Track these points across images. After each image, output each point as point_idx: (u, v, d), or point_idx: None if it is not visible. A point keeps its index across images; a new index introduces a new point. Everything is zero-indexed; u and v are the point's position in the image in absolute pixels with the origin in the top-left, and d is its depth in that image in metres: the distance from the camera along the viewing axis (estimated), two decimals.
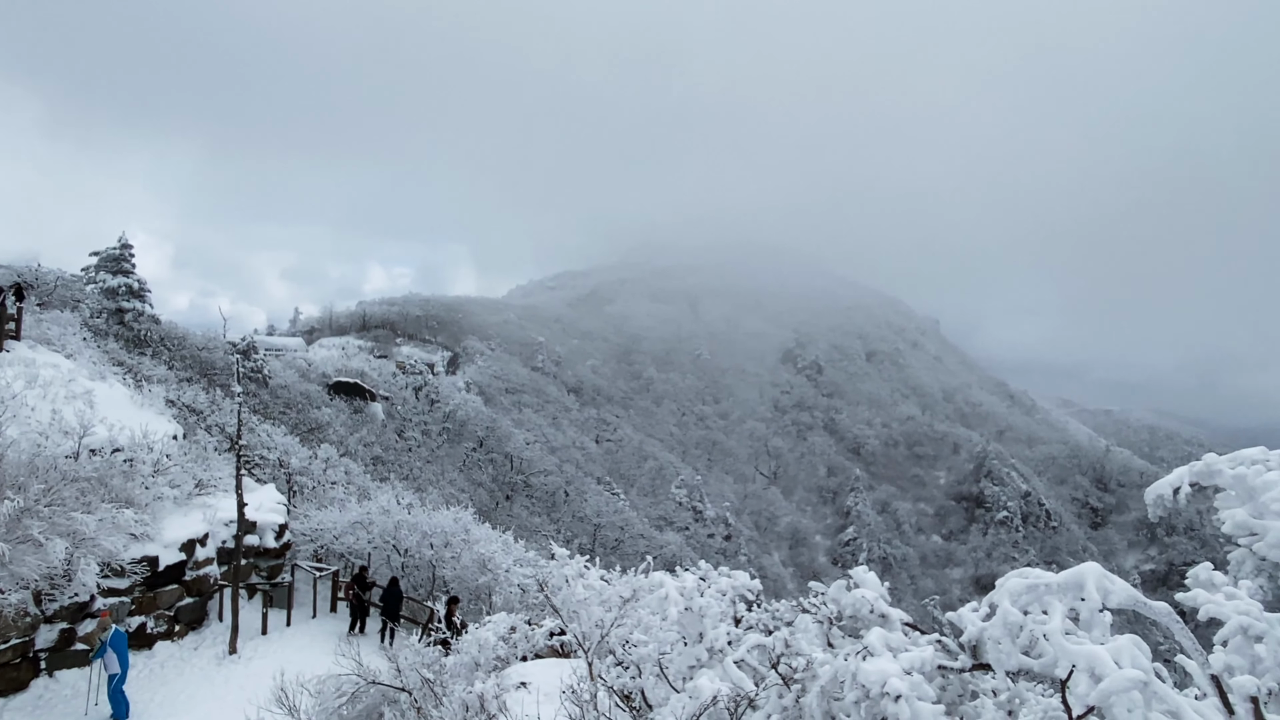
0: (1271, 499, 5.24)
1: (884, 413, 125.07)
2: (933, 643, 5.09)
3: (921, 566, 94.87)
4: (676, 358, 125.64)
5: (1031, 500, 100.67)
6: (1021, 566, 5.63)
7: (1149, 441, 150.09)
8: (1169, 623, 4.56)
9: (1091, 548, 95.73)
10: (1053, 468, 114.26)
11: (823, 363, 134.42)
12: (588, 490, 71.59)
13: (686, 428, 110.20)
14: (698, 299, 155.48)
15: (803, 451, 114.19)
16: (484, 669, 12.47)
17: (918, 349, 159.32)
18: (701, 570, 10.40)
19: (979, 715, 4.99)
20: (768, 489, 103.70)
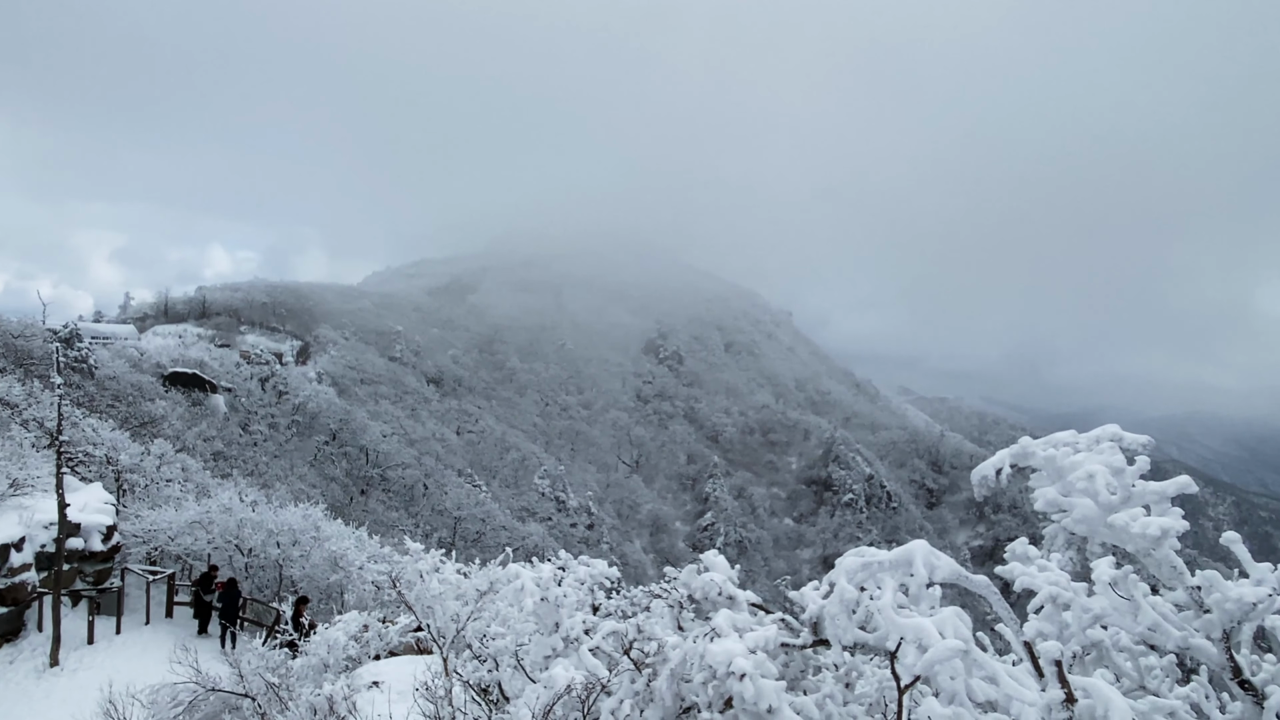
0: (1078, 478, 5.75)
1: (741, 401, 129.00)
2: (777, 621, 5.33)
3: (775, 548, 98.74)
4: (540, 348, 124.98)
5: (874, 483, 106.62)
6: (864, 546, 5.97)
7: (978, 427, 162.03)
8: (987, 594, 4.97)
9: (928, 526, 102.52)
10: (893, 452, 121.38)
11: (684, 353, 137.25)
12: (448, 483, 70.21)
13: (550, 418, 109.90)
14: (562, 289, 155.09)
15: (664, 440, 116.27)
16: (334, 670, 12.06)
17: (773, 340, 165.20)
18: (561, 560, 10.46)
19: (819, 688, 5.27)
20: (630, 477, 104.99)
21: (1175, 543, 5.17)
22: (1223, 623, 5.31)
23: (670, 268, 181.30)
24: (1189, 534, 6.12)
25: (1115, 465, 5.45)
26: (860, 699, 5.49)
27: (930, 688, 4.66)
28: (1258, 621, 5.58)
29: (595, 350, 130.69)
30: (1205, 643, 5.50)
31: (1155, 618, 5.62)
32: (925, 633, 4.26)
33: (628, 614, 8.02)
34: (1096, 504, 5.39)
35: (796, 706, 4.75)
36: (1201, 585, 5.49)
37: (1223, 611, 5.24)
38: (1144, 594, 5.83)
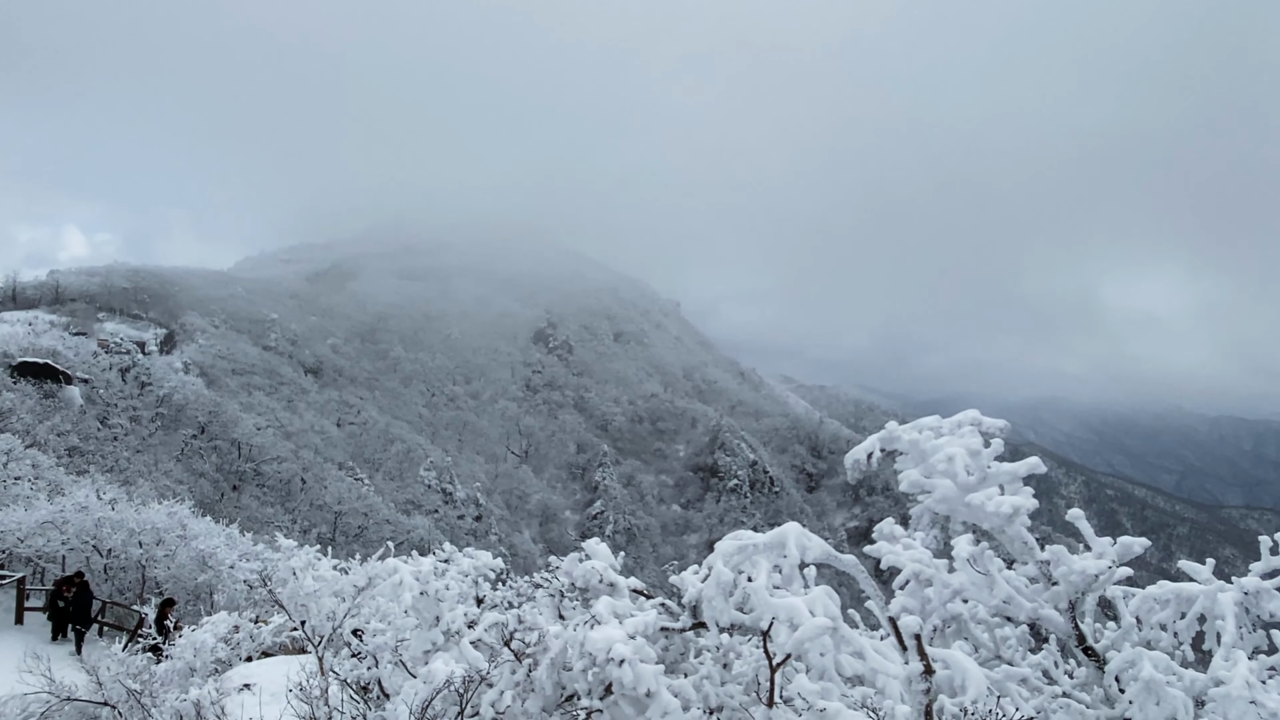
0: (939, 460, 6.04)
1: (630, 390, 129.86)
2: (657, 606, 5.40)
3: (662, 534, 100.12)
4: (426, 337, 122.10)
5: (758, 468, 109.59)
6: (745, 530, 6.10)
7: (855, 413, 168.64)
8: (855, 573, 5.17)
9: (808, 509, 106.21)
10: (776, 438, 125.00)
11: (574, 342, 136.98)
12: (327, 477, 67.80)
13: (436, 409, 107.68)
14: (449, 277, 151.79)
15: (554, 430, 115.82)
16: (201, 674, 11.47)
17: (661, 330, 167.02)
18: (445, 553, 10.27)
19: (698, 670, 5.37)
20: (519, 468, 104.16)
21: (1026, 520, 5.51)
22: (1069, 594, 5.70)
23: (560, 257, 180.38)
24: (1045, 511, 6.56)
25: (973, 448, 5.75)
26: (738, 678, 5.62)
27: (803, 664, 4.82)
28: (1100, 591, 6.01)
29: (484, 339, 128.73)
30: (1053, 613, 5.89)
31: (1009, 591, 5.98)
32: (797, 612, 4.39)
33: (514, 604, 7.97)
34: (956, 484, 5.68)
35: (674, 689, 4.83)
36: (1050, 559, 5.87)
37: (1068, 583, 5.62)
38: (999, 569, 6.18)
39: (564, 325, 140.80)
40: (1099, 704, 5.90)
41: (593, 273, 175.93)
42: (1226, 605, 5.57)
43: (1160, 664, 5.15)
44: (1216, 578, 5.98)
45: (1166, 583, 6.06)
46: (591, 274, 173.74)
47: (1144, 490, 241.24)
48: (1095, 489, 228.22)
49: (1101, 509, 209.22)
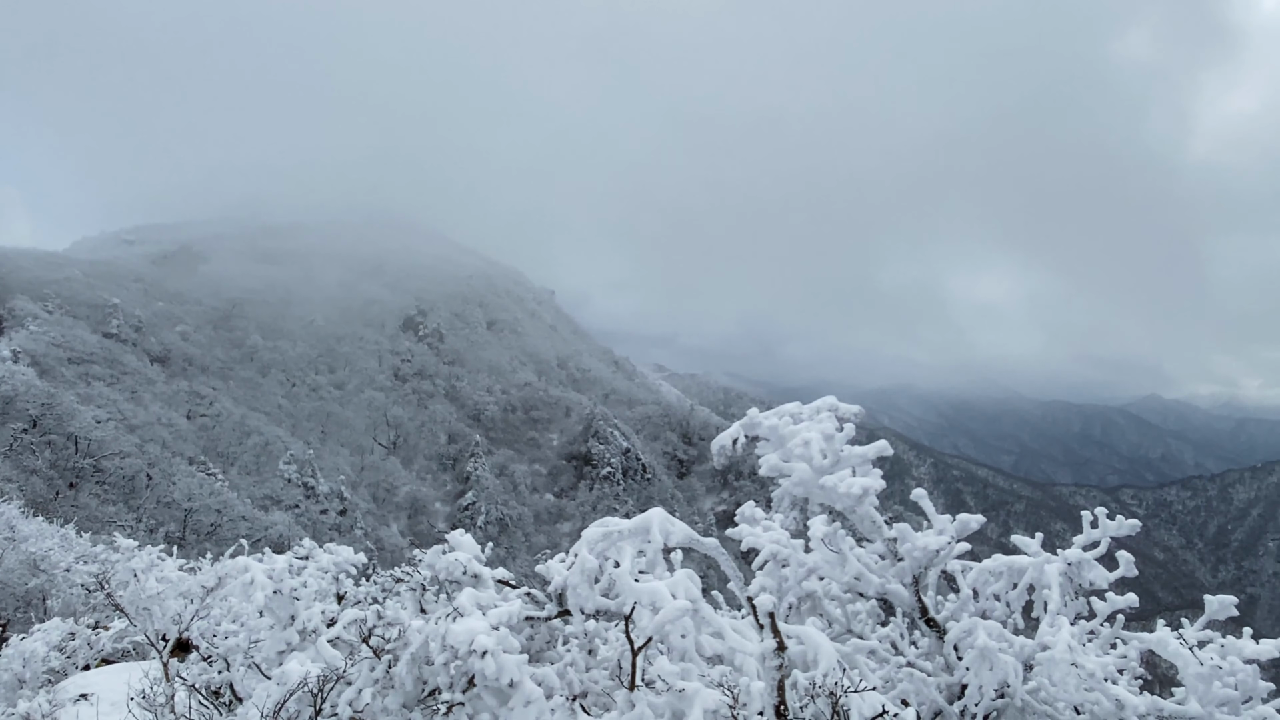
0: (796, 445, 6.26)
1: (503, 379, 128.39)
2: (522, 596, 5.37)
3: (536, 524, 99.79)
4: (286, 324, 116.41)
5: (631, 456, 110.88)
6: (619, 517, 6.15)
7: (724, 400, 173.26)
8: (716, 555, 5.30)
9: (679, 495, 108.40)
10: (648, 426, 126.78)
11: (445, 330, 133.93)
12: (176, 472, 63.72)
13: (297, 399, 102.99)
14: (311, 261, 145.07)
15: (424, 420, 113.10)
16: (32, 685, 10.64)
17: (535, 318, 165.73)
18: (305, 549, 9.90)
19: (563, 658, 5.38)
20: (387, 459, 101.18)
21: (875, 500, 5.79)
22: (913, 569, 6.05)
23: (431, 243, 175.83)
24: (898, 491, 6.95)
25: (828, 432, 6.00)
26: (603, 664, 5.67)
27: (665, 647, 4.91)
28: (941, 566, 6.40)
29: (349, 327, 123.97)
30: (899, 587, 6.23)
31: (860, 568, 6.28)
32: (659, 595, 4.47)
33: (379, 600, 7.77)
34: (812, 468, 5.90)
35: (538, 678, 4.81)
36: (897, 537, 6.21)
37: (912, 559, 5.96)
38: (851, 547, 6.49)
39: (435, 313, 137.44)
40: (940, 671, 6.30)
41: (465, 260, 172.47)
42: (1052, 575, 6.05)
43: (993, 632, 5.54)
44: (1045, 550, 6.49)
45: (1001, 556, 6.52)
46: (464, 261, 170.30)
47: (986, 470, 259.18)
48: (943, 470, 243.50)
49: (949, 489, 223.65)
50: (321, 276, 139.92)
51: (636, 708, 4.25)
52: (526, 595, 5.43)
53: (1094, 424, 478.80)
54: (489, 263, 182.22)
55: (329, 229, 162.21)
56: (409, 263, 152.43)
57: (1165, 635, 6.01)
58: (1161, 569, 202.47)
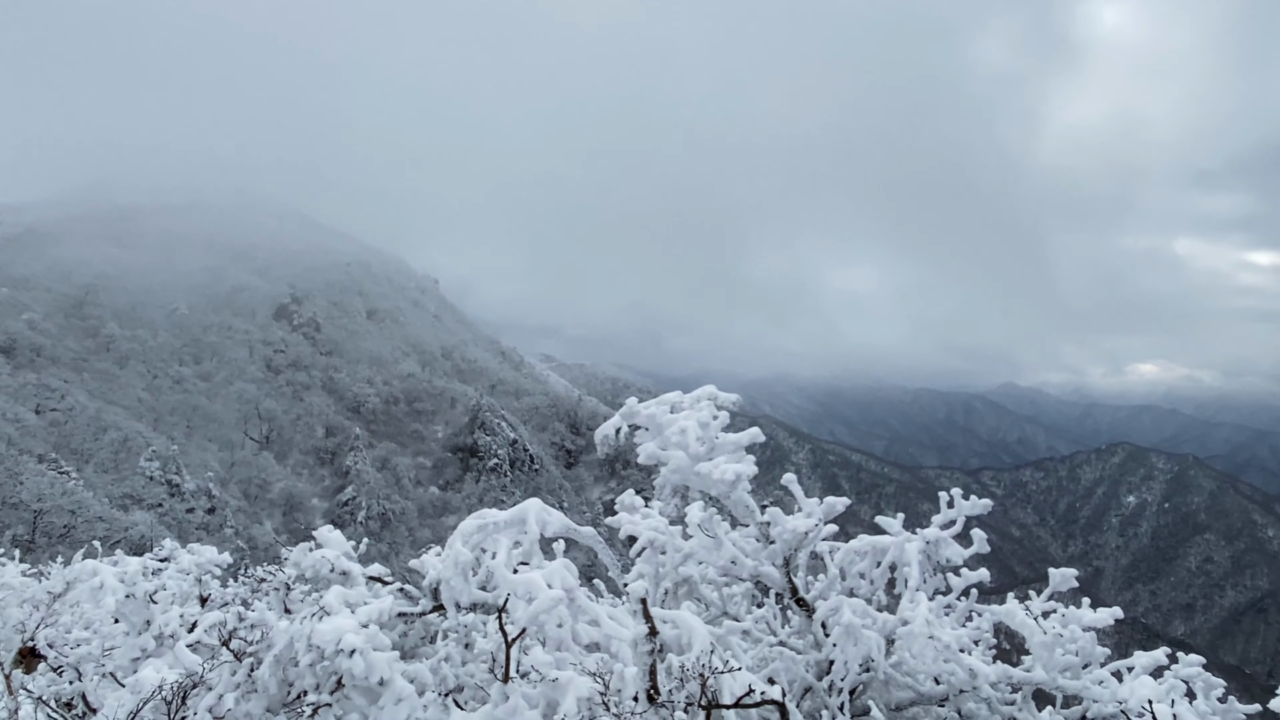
0: (673, 433, 6.36)
1: (385, 370, 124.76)
2: (394, 592, 5.24)
3: (420, 518, 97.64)
4: (146, 312, 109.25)
5: (519, 447, 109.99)
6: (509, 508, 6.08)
7: (612, 390, 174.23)
8: (594, 544, 5.32)
9: (566, 485, 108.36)
10: (536, 416, 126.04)
11: (321, 320, 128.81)
12: (24, 471, 59.03)
13: (160, 392, 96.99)
14: (173, 246, 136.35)
15: (299, 413, 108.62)
16: None
17: (418, 307, 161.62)
18: (166, 549, 9.46)
19: (437, 653, 5.28)
20: (259, 454, 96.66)
21: (748, 485, 5.94)
22: (784, 551, 6.24)
23: (304, 228, 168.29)
24: (779, 477, 7.11)
25: (704, 420, 6.11)
26: (480, 657, 5.60)
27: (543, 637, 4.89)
28: (810, 547, 6.63)
29: (217, 316, 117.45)
30: (772, 569, 6.42)
31: (735, 552, 6.43)
32: (534, 586, 4.45)
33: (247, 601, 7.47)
34: (688, 455, 6.01)
35: (410, 674, 4.72)
36: (770, 520, 6.40)
37: (783, 541, 6.15)
38: (726, 532, 6.65)
39: (310, 301, 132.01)
40: (810, 649, 6.54)
41: (343, 246, 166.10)
42: (912, 554, 6.36)
43: (858, 609, 5.79)
44: (908, 530, 6.82)
45: (866, 536, 6.82)
46: (342, 247, 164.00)
47: (859, 455, 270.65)
48: (820, 455, 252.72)
49: (825, 473, 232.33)
50: (186, 262, 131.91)
51: (510, 699, 4.22)
52: (399, 591, 5.30)
53: (957, 410, 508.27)
54: (369, 250, 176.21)
55: (194, 212, 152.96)
56: (283, 248, 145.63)
57: (1014, 607, 6.44)
58: (1018, 545, 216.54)
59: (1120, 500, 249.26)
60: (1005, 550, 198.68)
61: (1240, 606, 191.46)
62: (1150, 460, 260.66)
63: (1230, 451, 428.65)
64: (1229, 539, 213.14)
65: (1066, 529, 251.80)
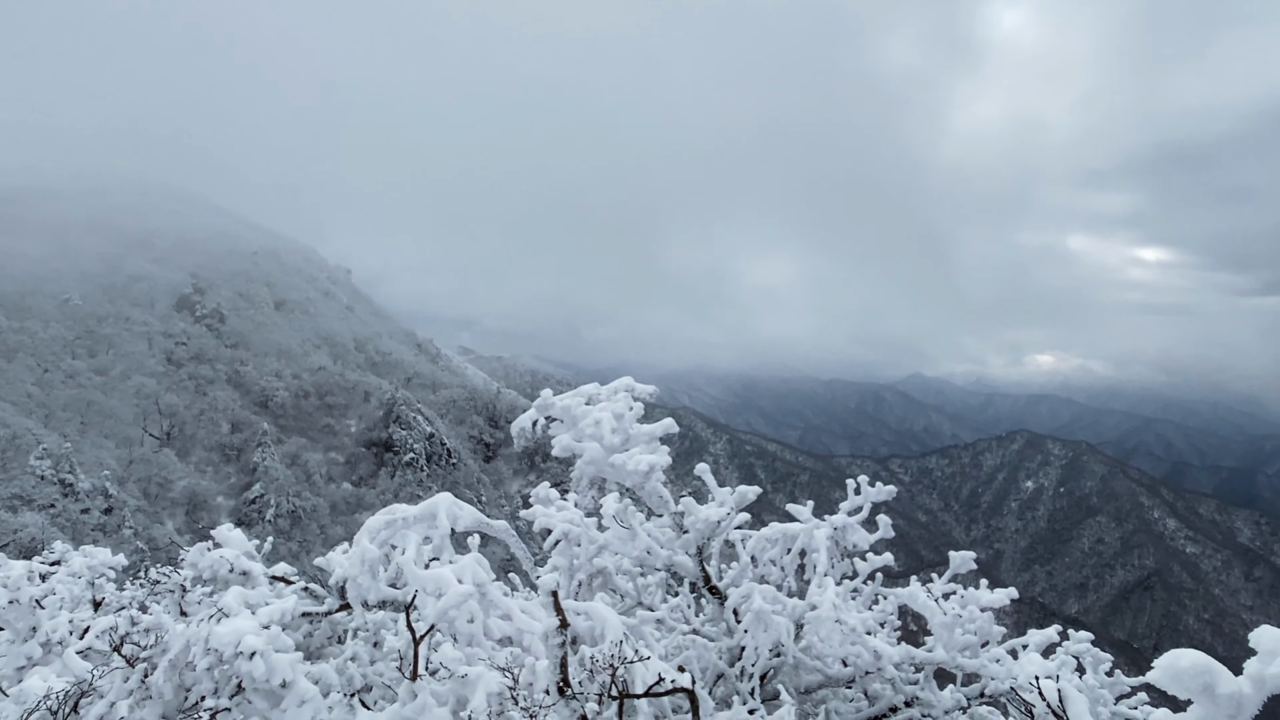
0: (587, 425, 6.35)
1: (295, 363, 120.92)
2: (298, 591, 5.09)
3: (333, 515, 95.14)
4: (36, 303, 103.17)
5: (435, 441, 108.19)
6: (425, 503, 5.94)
7: (532, 383, 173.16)
8: (505, 537, 5.27)
9: (485, 479, 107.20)
10: (454, 410, 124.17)
11: (226, 311, 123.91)
12: None
13: (51, 387, 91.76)
14: (65, 233, 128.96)
15: (203, 408, 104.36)
16: None
17: (330, 298, 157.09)
18: (56, 552, 9.02)
19: (343, 653, 5.16)
20: (160, 452, 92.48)
21: (662, 476, 5.98)
22: (696, 540, 6.32)
23: (207, 214, 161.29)
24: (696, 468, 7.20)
25: (618, 412, 6.13)
26: (390, 656, 5.50)
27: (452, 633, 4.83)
28: (723, 536, 6.73)
29: (113, 306, 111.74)
30: (685, 558, 6.49)
31: (649, 542, 6.47)
32: (444, 581, 4.38)
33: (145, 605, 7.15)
34: (602, 446, 6.01)
35: (315, 676, 4.59)
36: (683, 510, 6.46)
37: (696, 531, 6.23)
38: (641, 522, 6.68)
39: (214, 291, 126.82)
40: (723, 635, 6.65)
41: (249, 234, 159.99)
42: (820, 540, 6.52)
43: (768, 595, 5.90)
44: (821, 517, 6.99)
45: (777, 524, 6.95)
46: (247, 235, 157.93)
47: (775, 445, 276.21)
48: (737, 445, 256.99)
49: (743, 463, 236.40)
50: (79, 249, 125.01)
51: (419, 698, 4.15)
52: (304, 590, 5.14)
53: (868, 400, 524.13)
54: (278, 238, 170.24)
55: (89, 196, 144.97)
56: (185, 236, 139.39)
57: (916, 589, 6.67)
58: (924, 530, 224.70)
59: (1019, 485, 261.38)
60: (912, 535, 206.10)
61: (1129, 585, 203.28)
62: (1047, 447, 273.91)
63: (1120, 438, 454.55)
64: (1119, 521, 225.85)
65: (969, 513, 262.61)
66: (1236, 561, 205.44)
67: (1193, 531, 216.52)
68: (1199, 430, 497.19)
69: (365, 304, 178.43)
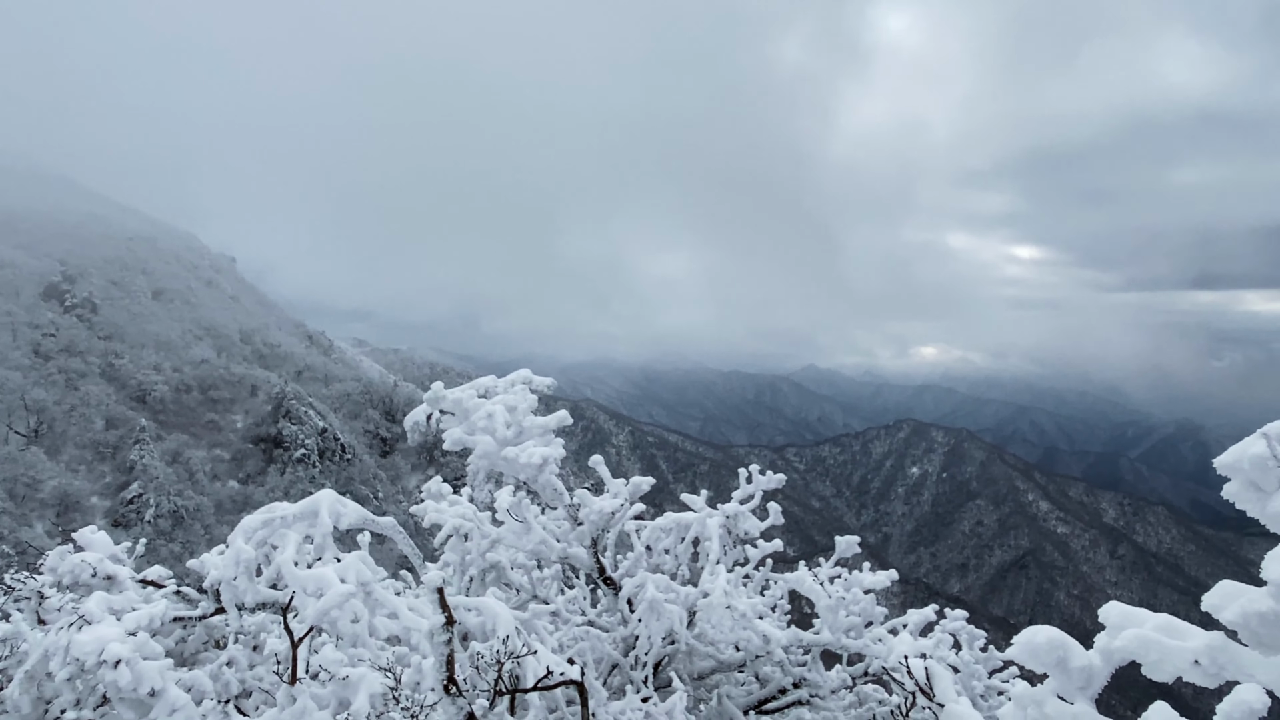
0: (480, 418, 6.26)
1: (175, 356, 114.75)
2: (170, 596, 4.84)
3: (218, 514, 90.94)
4: None
5: (329, 436, 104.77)
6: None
7: (431, 376, 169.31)
8: (393, 534, 5.15)
9: (382, 474, 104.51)
10: (348, 404, 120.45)
11: (98, 300, 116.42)
12: None
13: None
14: None
15: (74, 403, 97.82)
16: None
17: (213, 287, 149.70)
18: None
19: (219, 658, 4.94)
20: (26, 450, 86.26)
21: (556, 468, 5.96)
22: (591, 532, 6.32)
23: (79, 198, 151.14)
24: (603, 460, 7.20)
25: (511, 404, 6.06)
26: (270, 659, 5.29)
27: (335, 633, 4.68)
28: (618, 527, 6.76)
29: None
30: (580, 550, 6.49)
31: (543, 535, 6.44)
32: (325, 581, 4.24)
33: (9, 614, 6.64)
34: (495, 440, 5.94)
35: (187, 683, 4.37)
36: (578, 503, 6.46)
37: (591, 523, 6.23)
38: (536, 515, 6.64)
39: (86, 280, 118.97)
40: (618, 626, 6.68)
41: (123, 219, 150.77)
42: (713, 528, 6.63)
43: (661, 584, 5.96)
44: (714, 506, 7.10)
45: (671, 514, 7.03)
46: (122, 221, 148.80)
47: (676, 436, 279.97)
48: (639, 437, 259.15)
49: (644, 454, 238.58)
50: None
51: (298, 701, 4.01)
52: (176, 594, 4.89)
53: (765, 391, 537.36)
54: (156, 224, 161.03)
55: None
56: (52, 220, 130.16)
57: (803, 574, 6.87)
58: (818, 516, 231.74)
59: (905, 471, 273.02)
60: (807, 521, 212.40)
61: (1006, 564, 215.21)
62: (931, 434, 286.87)
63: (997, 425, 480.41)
64: (996, 504, 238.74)
65: (860, 499, 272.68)
66: (1102, 540, 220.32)
67: (1063, 513, 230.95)
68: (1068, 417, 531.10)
69: (252, 294, 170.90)
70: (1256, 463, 2.11)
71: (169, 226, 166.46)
